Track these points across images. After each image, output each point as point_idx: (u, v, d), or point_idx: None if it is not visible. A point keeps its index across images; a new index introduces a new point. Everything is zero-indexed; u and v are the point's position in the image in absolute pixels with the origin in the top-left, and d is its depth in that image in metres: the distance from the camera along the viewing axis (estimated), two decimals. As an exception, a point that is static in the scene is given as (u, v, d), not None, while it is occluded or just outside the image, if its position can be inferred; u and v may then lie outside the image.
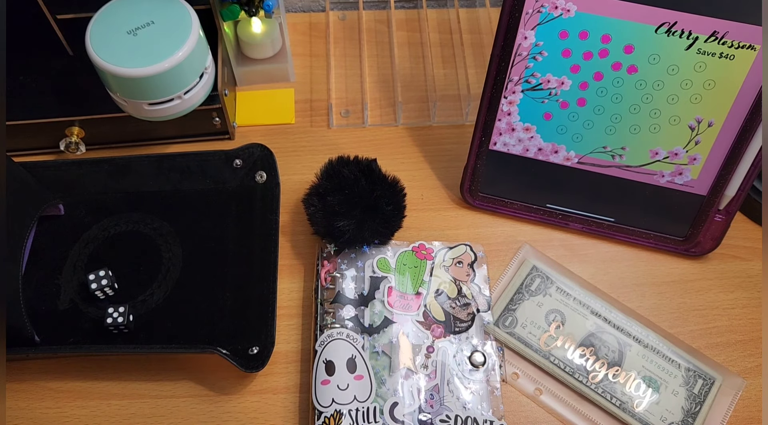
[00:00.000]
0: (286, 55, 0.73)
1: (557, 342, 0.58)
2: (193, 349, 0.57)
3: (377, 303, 0.59)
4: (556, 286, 0.61)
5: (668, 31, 0.53)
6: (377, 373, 0.56)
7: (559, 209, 0.65)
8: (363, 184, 0.59)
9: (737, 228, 0.65)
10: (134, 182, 0.66)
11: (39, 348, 0.57)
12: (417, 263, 0.61)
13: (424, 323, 0.58)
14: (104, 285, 0.58)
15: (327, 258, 0.61)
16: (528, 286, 0.61)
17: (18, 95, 0.67)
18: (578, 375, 0.57)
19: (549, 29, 0.55)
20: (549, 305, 0.60)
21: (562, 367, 0.57)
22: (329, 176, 0.60)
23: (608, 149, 0.60)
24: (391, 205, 0.60)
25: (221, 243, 0.62)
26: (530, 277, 0.62)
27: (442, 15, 0.81)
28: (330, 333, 0.57)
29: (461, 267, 0.61)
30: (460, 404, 0.55)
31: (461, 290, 0.60)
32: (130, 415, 0.56)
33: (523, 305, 0.60)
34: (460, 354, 0.57)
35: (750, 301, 0.62)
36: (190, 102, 0.63)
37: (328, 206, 0.58)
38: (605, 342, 0.58)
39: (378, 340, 0.57)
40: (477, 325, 0.58)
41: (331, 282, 0.60)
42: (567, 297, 0.60)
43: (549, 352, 0.58)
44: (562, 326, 0.59)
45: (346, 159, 0.61)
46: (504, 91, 0.59)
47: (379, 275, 0.60)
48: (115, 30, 0.60)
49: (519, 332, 0.59)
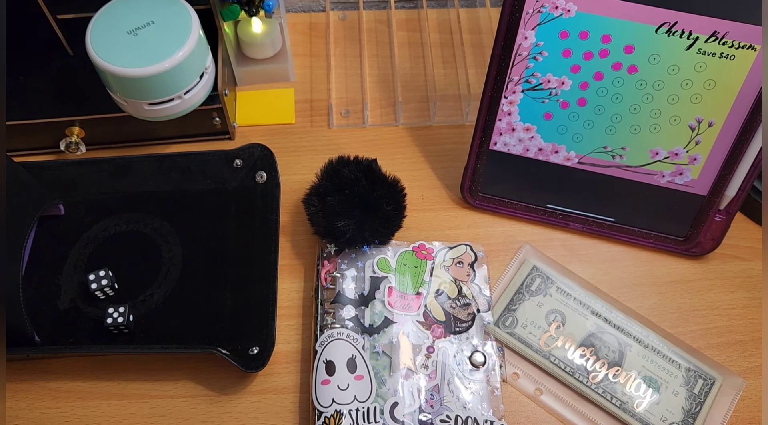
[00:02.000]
0: (286, 55, 0.73)
1: (557, 342, 0.58)
2: (193, 349, 0.57)
3: (377, 303, 0.59)
4: (557, 286, 0.61)
5: (668, 31, 0.53)
6: (377, 373, 0.56)
7: (559, 209, 0.65)
8: (363, 184, 0.59)
9: (737, 228, 0.65)
10: (134, 182, 0.66)
11: (39, 348, 0.57)
12: (417, 263, 0.61)
13: (424, 323, 0.58)
14: (104, 285, 0.58)
15: (327, 258, 0.61)
16: (528, 286, 0.61)
17: (18, 95, 0.67)
18: (578, 375, 0.57)
19: (549, 29, 0.55)
20: (549, 305, 0.60)
21: (562, 367, 0.57)
22: (329, 176, 0.60)
23: (608, 149, 0.60)
24: (392, 205, 0.59)
25: (221, 243, 0.62)
26: (530, 277, 0.61)
27: (442, 15, 0.81)
28: (330, 333, 0.57)
29: (461, 267, 0.61)
30: (461, 404, 0.55)
31: (461, 290, 0.60)
32: (130, 415, 0.56)
33: (523, 305, 0.60)
34: (460, 354, 0.57)
35: (750, 301, 0.62)
36: (190, 102, 0.63)
37: (329, 206, 0.58)
38: (605, 342, 0.58)
39: (378, 340, 0.57)
40: (477, 325, 0.58)
41: (331, 282, 0.60)
42: (567, 298, 0.60)
43: (549, 352, 0.58)
44: (562, 326, 0.59)
45: (346, 159, 0.61)
46: (504, 91, 0.59)
47: (380, 275, 0.60)
48: (115, 30, 0.60)
49: (519, 332, 0.59)
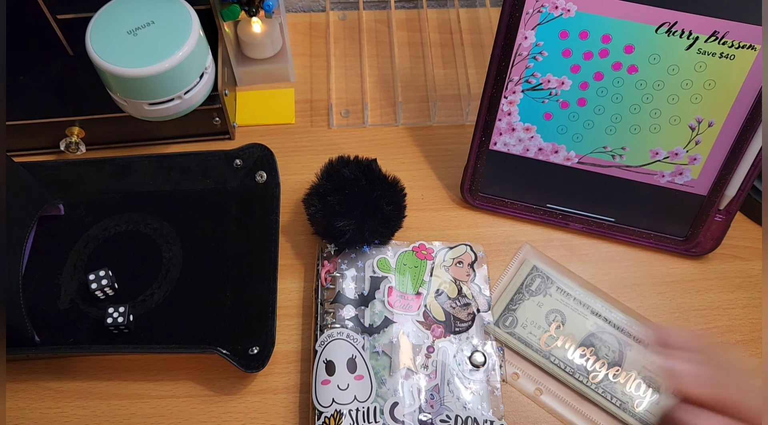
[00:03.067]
0: (286, 55, 0.73)
1: (557, 342, 0.58)
2: (193, 349, 0.57)
3: (377, 303, 0.59)
4: (557, 286, 0.61)
5: (668, 31, 0.53)
6: (377, 373, 0.56)
7: (559, 209, 0.65)
8: (363, 184, 0.59)
9: (737, 228, 0.65)
10: (134, 182, 0.66)
11: (39, 348, 0.57)
12: (417, 263, 0.61)
13: (424, 323, 0.58)
14: (104, 285, 0.58)
15: (327, 258, 0.61)
16: (528, 286, 0.61)
17: (18, 95, 0.67)
18: (578, 375, 0.57)
19: (549, 29, 0.55)
20: (549, 305, 0.60)
21: (562, 367, 0.57)
22: (329, 176, 0.60)
23: (608, 149, 0.60)
24: (392, 205, 0.59)
25: (221, 243, 0.62)
26: (530, 277, 0.61)
27: (442, 15, 0.81)
28: (330, 333, 0.57)
29: (461, 267, 0.61)
30: (461, 404, 0.55)
31: (461, 290, 0.60)
32: (130, 415, 0.56)
33: (523, 305, 0.60)
34: (460, 354, 0.57)
35: (750, 301, 0.62)
36: (190, 102, 0.63)
37: (329, 206, 0.58)
38: (605, 342, 0.58)
39: (378, 340, 0.57)
40: (477, 325, 0.58)
41: (331, 282, 0.60)
42: (567, 297, 0.60)
43: (549, 352, 0.58)
44: (562, 326, 0.59)
45: (346, 159, 0.61)
46: (504, 91, 0.59)
47: (380, 275, 0.60)
48: (115, 30, 0.60)
49: (519, 332, 0.59)
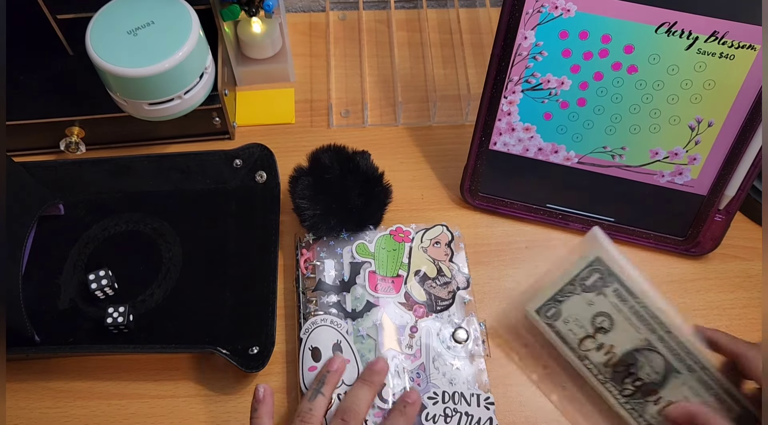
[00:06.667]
0: (286, 55, 0.73)
1: (597, 347, 0.54)
2: (193, 349, 0.57)
3: (358, 288, 0.59)
4: (614, 288, 0.54)
5: (668, 31, 0.53)
6: (363, 356, 0.56)
7: (559, 209, 0.65)
8: (336, 173, 0.60)
9: (737, 228, 0.65)
10: (134, 182, 0.66)
11: (39, 348, 0.57)
12: (395, 246, 0.62)
13: (406, 304, 0.59)
14: (104, 285, 0.58)
15: (306, 247, 0.61)
16: (583, 280, 0.54)
17: (18, 95, 0.67)
18: (610, 386, 0.53)
19: (549, 29, 0.55)
20: (600, 306, 0.54)
21: (594, 373, 0.54)
22: (311, 160, 0.61)
23: (608, 149, 0.60)
24: (363, 198, 0.60)
25: (221, 243, 0.62)
26: (588, 270, 0.54)
27: (442, 15, 0.81)
28: (314, 321, 0.57)
29: (439, 247, 0.62)
30: (447, 380, 0.55)
31: (441, 270, 0.60)
32: (130, 415, 0.56)
33: (572, 299, 0.54)
34: (443, 331, 0.57)
35: (750, 301, 0.62)
36: (190, 102, 0.63)
37: (298, 187, 0.59)
38: (651, 361, 0.52)
39: (362, 324, 0.57)
40: (458, 303, 0.59)
41: (311, 270, 0.60)
42: (623, 304, 0.53)
43: (585, 355, 0.54)
44: (607, 332, 0.53)
45: (333, 147, 0.62)
46: (504, 91, 0.59)
47: (359, 260, 0.60)
48: (115, 30, 0.60)
49: (559, 326, 0.55)
